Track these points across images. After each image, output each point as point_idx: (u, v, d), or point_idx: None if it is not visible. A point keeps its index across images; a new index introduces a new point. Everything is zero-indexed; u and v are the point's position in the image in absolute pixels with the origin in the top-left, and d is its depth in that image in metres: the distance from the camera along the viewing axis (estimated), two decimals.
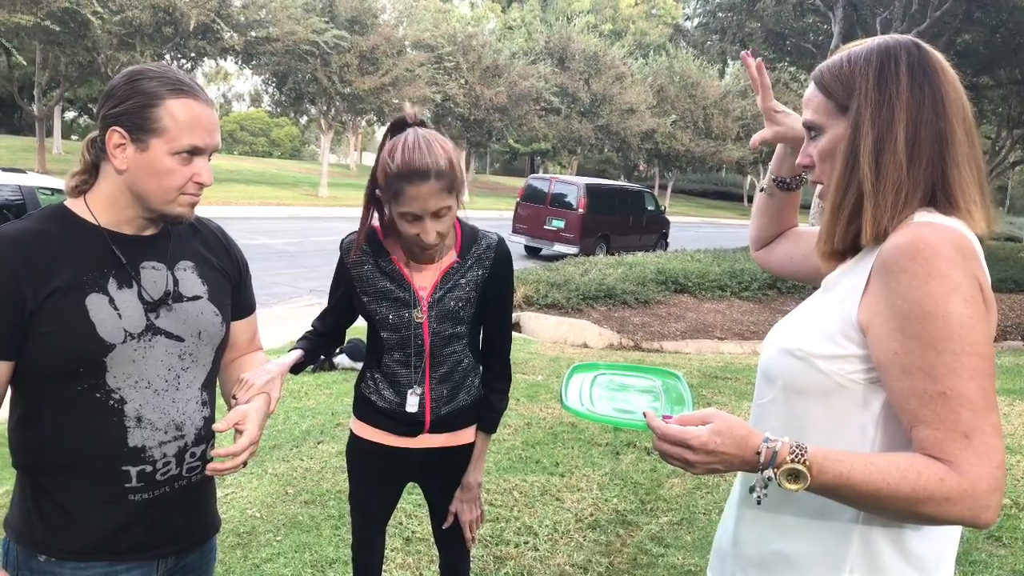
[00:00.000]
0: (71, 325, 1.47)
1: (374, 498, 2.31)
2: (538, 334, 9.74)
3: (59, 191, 8.53)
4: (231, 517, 3.74)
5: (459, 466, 2.23)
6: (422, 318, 2.08)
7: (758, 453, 1.20)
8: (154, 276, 1.59)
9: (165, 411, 1.58)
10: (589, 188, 18.22)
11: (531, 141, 41.92)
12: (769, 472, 1.20)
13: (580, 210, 17.72)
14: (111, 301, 1.51)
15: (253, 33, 23.09)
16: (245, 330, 1.86)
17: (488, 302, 2.15)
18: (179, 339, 1.60)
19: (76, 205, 1.56)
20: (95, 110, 1.57)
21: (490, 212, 29.88)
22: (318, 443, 4.84)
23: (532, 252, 18.63)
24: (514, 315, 10.27)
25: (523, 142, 43.68)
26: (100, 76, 23.50)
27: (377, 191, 2.01)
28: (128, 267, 1.55)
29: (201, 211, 1.70)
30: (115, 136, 1.48)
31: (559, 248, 17.65)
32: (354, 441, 2.27)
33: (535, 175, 21.37)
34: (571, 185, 18.41)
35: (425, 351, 2.11)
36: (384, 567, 2.43)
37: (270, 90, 31.96)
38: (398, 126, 2.00)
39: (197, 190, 1.56)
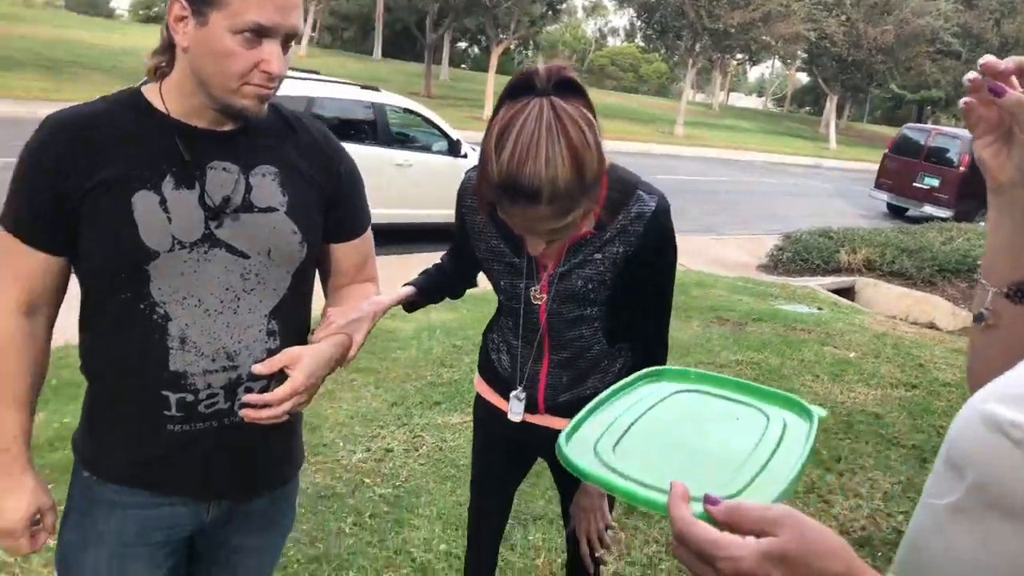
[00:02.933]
0: (112, 224, 1.29)
1: (493, 467, 1.95)
2: (875, 304, 8.56)
3: (410, 111, 9.07)
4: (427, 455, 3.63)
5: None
6: (541, 298, 1.61)
7: None
8: (222, 179, 1.35)
9: (216, 336, 1.36)
10: None
11: (920, 88, 37.34)
12: None
13: (962, 168, 15.26)
14: (162, 202, 1.30)
15: None
16: (350, 255, 1.57)
17: (633, 285, 1.60)
18: (243, 256, 1.36)
19: (151, 91, 1.36)
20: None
21: (856, 164, 27.31)
22: None
23: (896, 212, 16.56)
24: (850, 279, 9.15)
25: (910, 88, 39.06)
26: (482, 8, 24.97)
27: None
28: (192, 165, 1.32)
29: None
30: (176, 7, 1.25)
31: (929, 210, 15.44)
32: (478, 399, 1.90)
33: (911, 125, 18.89)
34: (954, 139, 15.90)
35: (542, 332, 1.66)
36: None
37: (639, 24, 31.79)
38: (521, 87, 1.30)
39: (265, 80, 1.28)
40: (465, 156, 9.35)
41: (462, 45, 52.51)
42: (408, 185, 8.43)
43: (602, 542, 1.76)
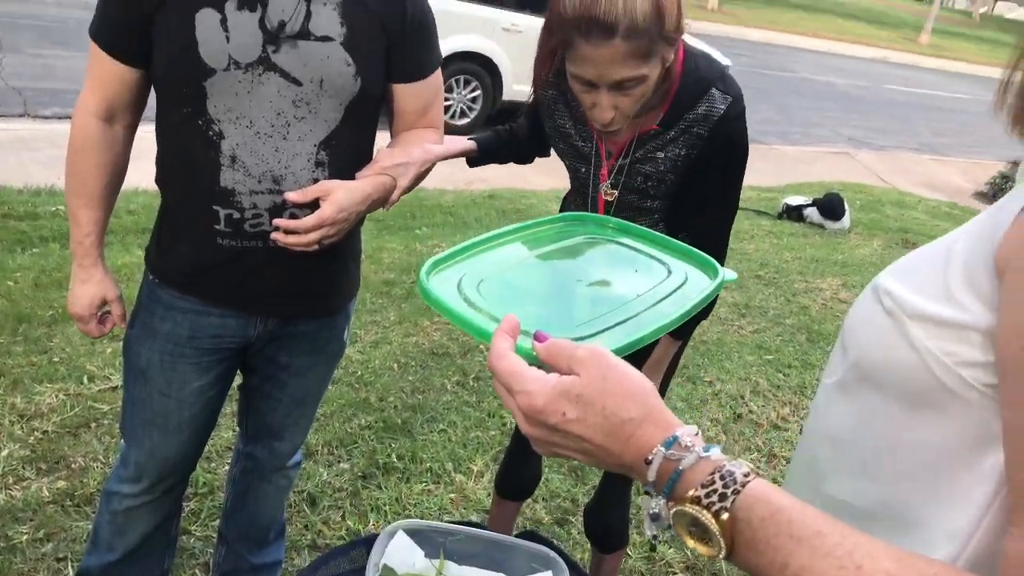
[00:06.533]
0: (175, 39, 1.36)
1: None
2: None
3: None
4: None
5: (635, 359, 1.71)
6: (600, 187, 1.58)
7: (648, 461, 0.61)
8: (283, 4, 1.38)
9: (264, 158, 1.42)
10: None
11: None
12: (657, 505, 0.62)
13: None
14: (223, 21, 1.35)
15: None
16: (412, 97, 1.57)
17: (694, 185, 1.54)
18: (296, 83, 1.40)
19: None
20: None
21: None
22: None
23: None
24: None
25: None
26: None
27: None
28: None
29: (776, 37, 1.38)
30: None
31: None
32: None
33: None
34: None
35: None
36: None
37: None
38: None
39: None
40: None
41: None
42: None
43: None
